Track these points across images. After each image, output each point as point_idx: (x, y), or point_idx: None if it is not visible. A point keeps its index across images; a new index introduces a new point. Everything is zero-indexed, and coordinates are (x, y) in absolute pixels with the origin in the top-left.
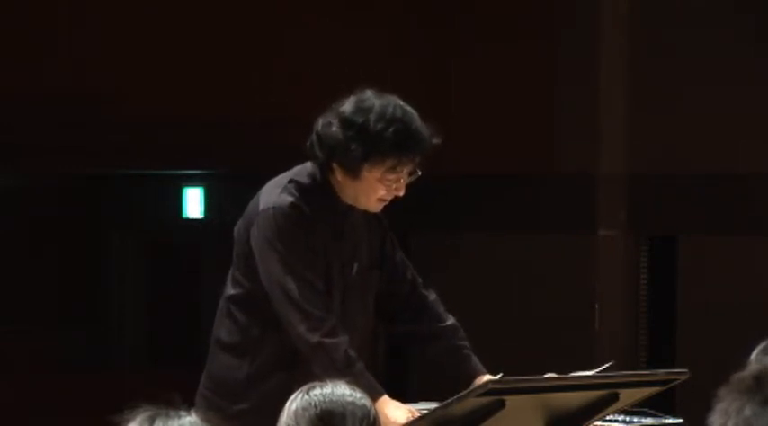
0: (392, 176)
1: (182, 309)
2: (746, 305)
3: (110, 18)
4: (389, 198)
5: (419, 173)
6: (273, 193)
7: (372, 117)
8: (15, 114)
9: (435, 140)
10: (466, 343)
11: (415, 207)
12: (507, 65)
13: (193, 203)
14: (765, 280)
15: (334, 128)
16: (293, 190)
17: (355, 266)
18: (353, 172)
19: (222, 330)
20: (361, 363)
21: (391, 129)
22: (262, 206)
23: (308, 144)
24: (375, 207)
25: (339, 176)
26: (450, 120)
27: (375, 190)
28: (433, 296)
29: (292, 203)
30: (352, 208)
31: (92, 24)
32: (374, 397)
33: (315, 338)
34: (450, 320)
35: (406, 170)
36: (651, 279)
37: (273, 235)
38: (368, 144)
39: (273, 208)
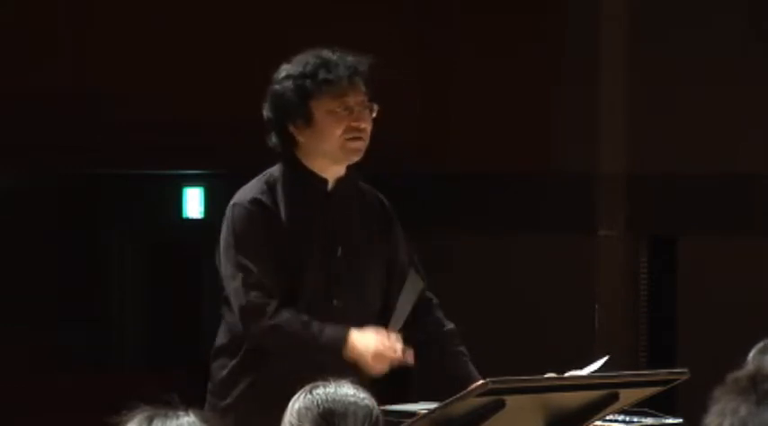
0: (340, 108)
1: (182, 309)
2: (746, 305)
3: (110, 18)
4: (357, 134)
5: (375, 105)
6: (243, 190)
7: (295, 64)
8: (15, 114)
9: (365, 63)
10: (463, 349)
11: (414, 206)
12: (507, 65)
13: (193, 203)
14: (765, 281)
15: (273, 87)
16: (263, 184)
17: (339, 250)
18: (305, 119)
19: (219, 331)
20: (317, 321)
21: (311, 63)
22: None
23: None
24: (349, 151)
25: (300, 137)
26: (449, 120)
27: (331, 128)
28: (434, 300)
29: (253, 198)
30: (337, 192)
31: (92, 24)
32: (343, 338)
33: (264, 323)
34: (449, 325)
35: (352, 99)
36: (651, 279)
37: (229, 231)
38: (299, 83)
39: (234, 204)
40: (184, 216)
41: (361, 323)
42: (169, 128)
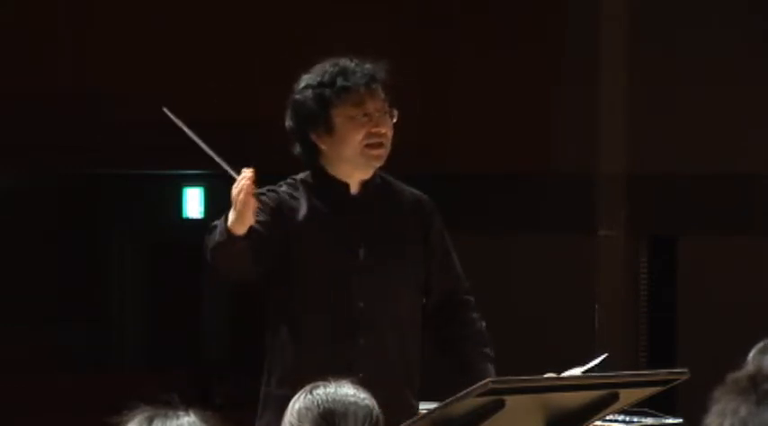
0: (359, 114)
1: (182, 309)
2: (746, 305)
3: (110, 18)
4: (377, 140)
5: (395, 111)
6: None
7: (314, 73)
8: (15, 114)
9: (383, 69)
10: (487, 351)
11: None
12: (507, 65)
13: (193, 203)
14: (765, 280)
15: (294, 97)
16: (285, 183)
17: (361, 252)
18: (325, 127)
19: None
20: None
21: (329, 71)
22: None
23: (287, 129)
24: (370, 157)
25: (322, 145)
26: (450, 120)
27: (352, 135)
28: (471, 300)
29: (271, 188)
30: (362, 195)
31: (92, 24)
32: (225, 215)
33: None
34: (479, 325)
35: (371, 105)
36: (651, 279)
37: None
38: (318, 92)
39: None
40: (184, 216)
41: (389, 325)
42: (169, 128)
